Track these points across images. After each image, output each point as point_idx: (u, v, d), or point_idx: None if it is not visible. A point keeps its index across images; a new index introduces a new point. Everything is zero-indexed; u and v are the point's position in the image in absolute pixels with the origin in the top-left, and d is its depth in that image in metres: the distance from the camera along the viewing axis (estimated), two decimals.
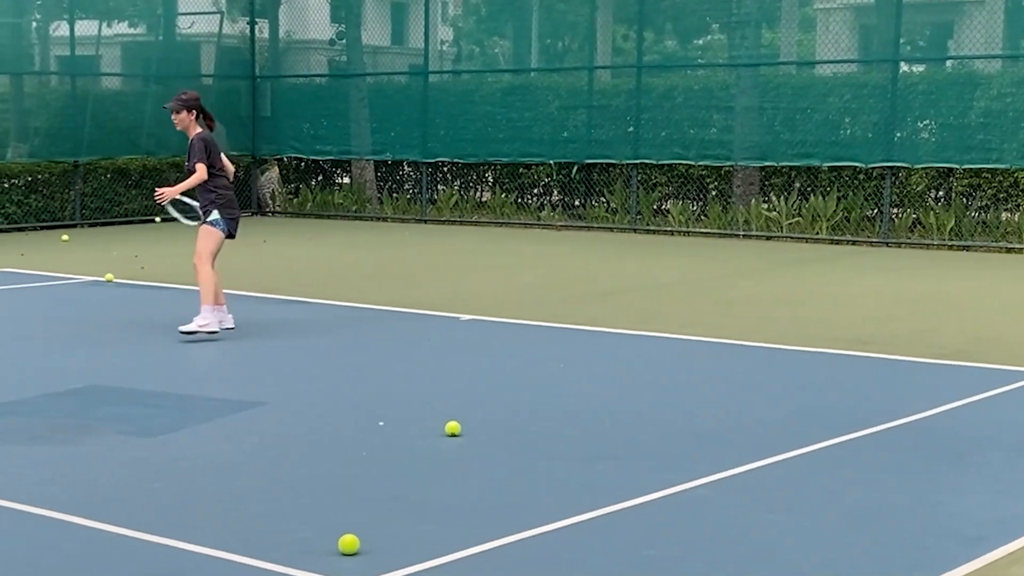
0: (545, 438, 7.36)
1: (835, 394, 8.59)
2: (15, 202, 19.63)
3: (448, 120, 21.41)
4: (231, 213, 10.31)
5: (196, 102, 10.22)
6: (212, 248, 10.21)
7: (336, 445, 7.18)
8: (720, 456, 6.89)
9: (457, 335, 10.85)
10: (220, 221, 10.22)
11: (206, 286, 10.10)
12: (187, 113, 10.16)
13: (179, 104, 10.14)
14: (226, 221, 10.25)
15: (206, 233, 10.23)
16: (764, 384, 8.92)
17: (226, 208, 10.27)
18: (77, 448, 7.08)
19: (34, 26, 21.20)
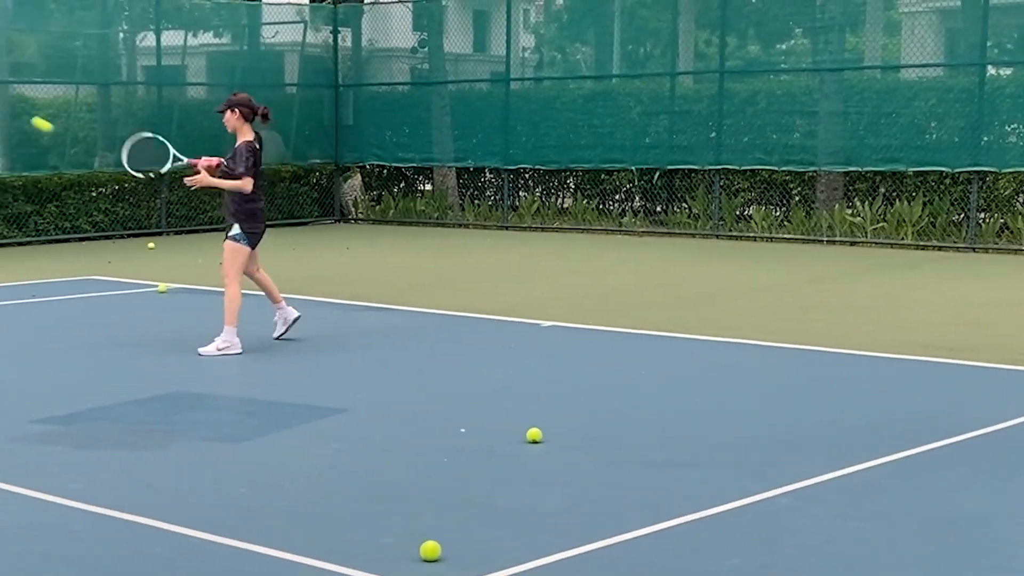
0: (626, 445, 7.33)
1: (921, 401, 8.46)
2: (102, 210, 19.97)
3: (530, 127, 21.43)
4: (254, 227, 10.12)
5: (245, 102, 10.11)
6: (238, 266, 10.09)
7: (418, 451, 7.20)
8: (803, 464, 6.81)
9: (538, 341, 10.84)
10: (243, 236, 10.07)
11: (231, 306, 9.97)
12: (231, 113, 10.07)
13: (226, 104, 10.12)
14: (248, 235, 10.09)
15: (230, 250, 10.09)
16: (848, 391, 8.80)
17: (248, 222, 10.09)
18: (164, 454, 7.17)
19: (121, 37, 21.54)
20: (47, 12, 20.81)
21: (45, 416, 7.92)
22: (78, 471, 6.75)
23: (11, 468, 6.76)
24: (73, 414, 8.01)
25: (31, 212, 19.04)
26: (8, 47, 19.82)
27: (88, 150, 20.50)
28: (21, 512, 6.08)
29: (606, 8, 21.78)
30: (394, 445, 7.35)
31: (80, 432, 7.61)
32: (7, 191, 18.78)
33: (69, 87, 20.82)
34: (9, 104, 19.77)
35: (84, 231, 19.60)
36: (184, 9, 24.10)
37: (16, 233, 18.86)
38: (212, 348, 9.92)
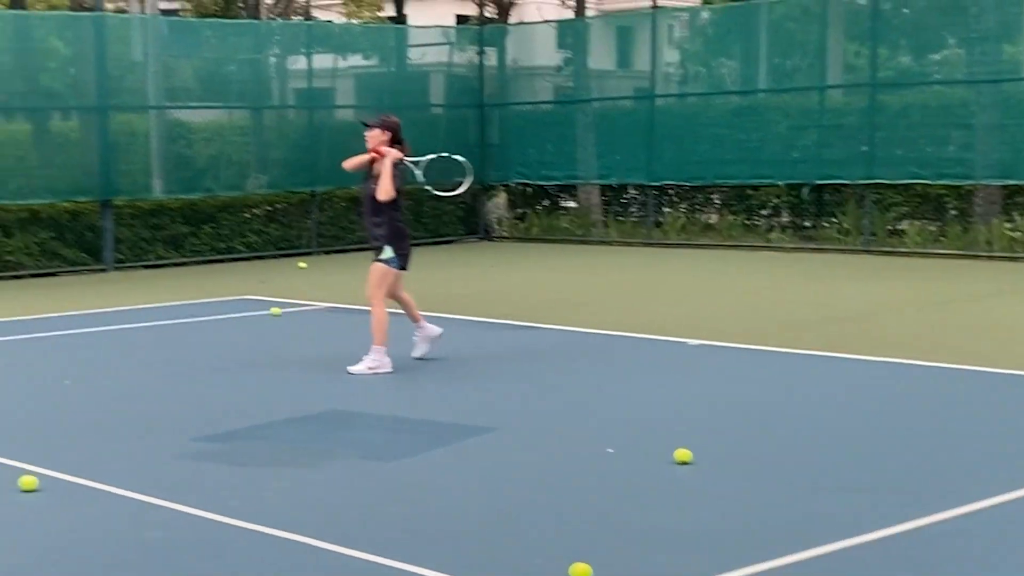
0: (779, 466, 7.21)
1: None
2: (255, 231, 20.41)
3: (674, 142, 21.29)
4: (403, 248, 10.21)
5: (395, 126, 10.20)
6: (386, 288, 10.17)
7: (566, 472, 7.19)
8: (964, 488, 6.62)
9: (686, 360, 10.75)
10: (395, 259, 10.15)
11: (378, 326, 10.06)
12: (381, 133, 10.15)
13: (379, 122, 10.18)
14: (399, 257, 10.17)
15: (379, 272, 10.18)
16: (1012, 413, 8.53)
17: (398, 243, 10.17)
18: (318, 472, 7.28)
19: (273, 61, 22.03)
20: (202, 38, 21.39)
21: (204, 434, 8.11)
22: (236, 489, 6.89)
23: (172, 485, 6.93)
24: (230, 432, 8.19)
25: (187, 233, 19.55)
26: (165, 73, 20.40)
27: (241, 172, 20.98)
28: (181, 528, 6.22)
29: (752, 21, 21.54)
30: (542, 465, 7.35)
31: (237, 450, 7.78)
32: (164, 213, 19.34)
33: (223, 111, 21.35)
34: (166, 128, 20.35)
35: (238, 251, 20.06)
36: (334, 33, 24.57)
37: (173, 254, 19.39)
38: (362, 367, 10.02)
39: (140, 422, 8.60)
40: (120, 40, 19.60)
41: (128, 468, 7.33)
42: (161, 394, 9.58)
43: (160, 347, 11.90)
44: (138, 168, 19.60)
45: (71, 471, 7.17)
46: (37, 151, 19.20)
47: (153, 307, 14.42)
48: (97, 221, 18.60)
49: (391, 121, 10.25)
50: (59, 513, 6.53)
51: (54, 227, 18.23)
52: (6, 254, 17.71)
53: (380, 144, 10.18)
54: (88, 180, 18.69)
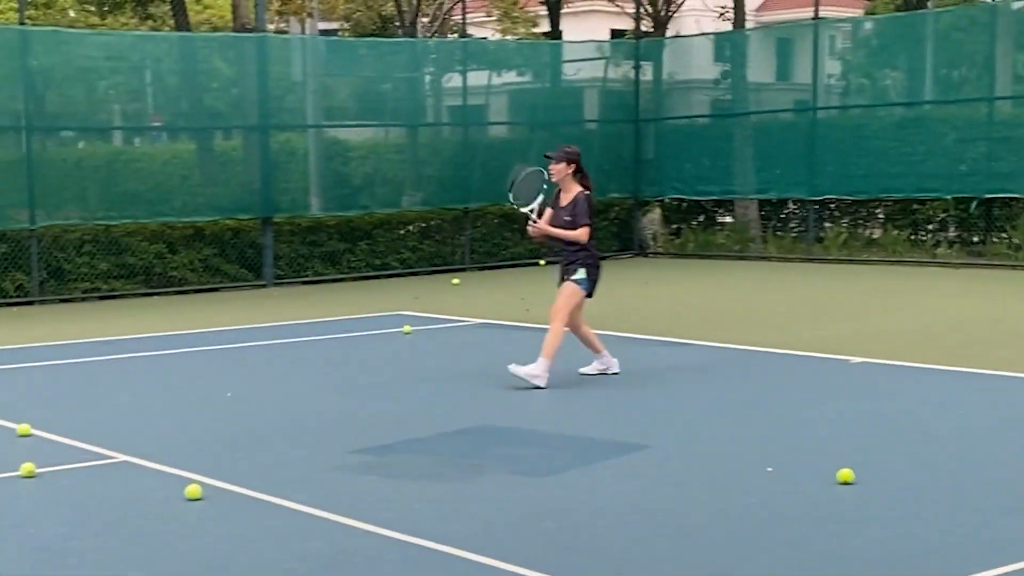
0: (947, 487, 6.95)
1: None
2: (410, 247, 20.61)
3: (836, 156, 20.86)
4: (596, 274, 10.27)
5: (577, 156, 10.29)
6: (571, 307, 10.18)
7: (723, 491, 7.03)
8: None
9: (847, 378, 10.46)
10: (585, 282, 10.18)
11: (553, 340, 10.05)
12: (567, 165, 10.23)
13: (563, 155, 10.25)
14: (590, 282, 10.21)
15: (569, 291, 10.19)
16: None
17: (592, 268, 10.23)
18: (471, 486, 7.25)
19: (428, 79, 22.25)
20: (359, 58, 21.73)
21: (361, 447, 8.16)
22: (391, 501, 6.91)
23: (329, 496, 6.98)
24: (386, 445, 8.22)
25: (344, 250, 19.84)
26: (323, 92, 20.77)
27: (397, 190, 21.23)
28: (338, 539, 6.26)
29: (917, 32, 21.00)
30: (698, 483, 7.21)
31: (393, 463, 7.80)
32: (322, 230, 19.65)
33: (379, 129, 21.64)
34: (324, 146, 20.71)
35: (393, 268, 20.28)
36: (489, 50, 24.72)
37: (330, 270, 19.69)
38: (524, 370, 10.01)
39: (299, 434, 8.70)
40: (281, 60, 20.02)
41: (288, 479, 7.41)
42: (319, 407, 9.69)
43: (317, 361, 12.05)
44: (297, 186, 19.98)
45: (233, 481, 7.29)
46: (201, 170, 19.71)
47: (311, 322, 14.63)
48: (258, 238, 19.00)
49: (572, 152, 10.32)
50: (222, 522, 6.62)
51: (217, 244, 18.67)
52: (171, 270, 18.19)
53: (565, 176, 10.20)
54: (249, 198, 19.11)
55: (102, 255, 17.66)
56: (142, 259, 17.94)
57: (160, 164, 20.08)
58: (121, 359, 12.19)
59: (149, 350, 12.61)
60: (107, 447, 8.22)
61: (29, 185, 17.07)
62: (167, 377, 11.27)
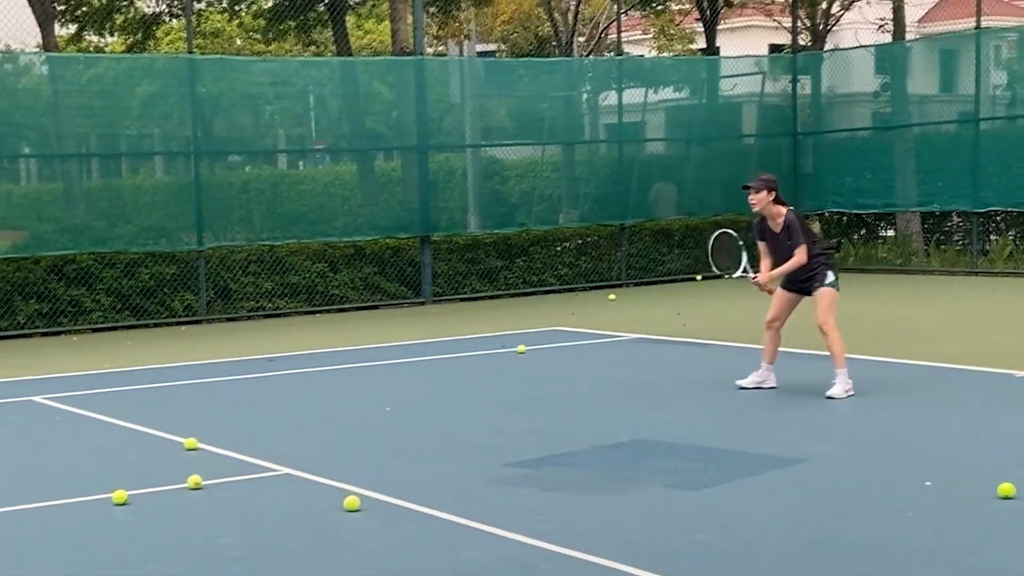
0: None
1: None
2: (567, 264, 20.73)
3: (1001, 167, 20.34)
4: (836, 271, 10.36)
5: (774, 184, 10.38)
6: (834, 311, 10.24)
7: (879, 504, 6.95)
8: None
9: (1012, 392, 10.20)
10: (837, 282, 10.27)
11: (839, 349, 10.16)
12: (767, 193, 10.30)
13: (762, 184, 10.33)
14: (838, 280, 10.29)
15: (827, 296, 10.24)
16: None
17: (834, 268, 10.34)
18: (626, 499, 7.30)
19: (584, 97, 22.36)
20: (515, 77, 21.98)
21: (516, 460, 8.27)
22: (546, 513, 6.99)
23: (486, 508, 7.10)
24: (542, 458, 8.32)
25: (501, 267, 20.06)
26: (480, 112, 21.06)
27: (553, 207, 21.38)
28: (494, 549, 6.36)
29: None
30: (854, 497, 7.13)
31: (548, 476, 7.89)
32: (479, 248, 19.90)
33: (536, 148, 21.83)
34: (481, 166, 20.98)
35: (549, 284, 20.42)
36: (645, 67, 24.75)
37: (487, 287, 19.92)
38: (836, 391, 10.08)
39: (456, 447, 8.85)
40: (439, 83, 20.36)
41: (444, 491, 7.55)
42: (476, 420, 9.84)
43: (475, 376, 12.22)
44: (455, 205, 20.28)
45: (391, 493, 7.45)
46: (361, 190, 20.17)
47: (468, 338, 14.84)
48: (416, 256, 19.33)
49: (770, 180, 10.40)
50: (379, 533, 6.78)
51: (376, 262, 19.05)
52: (333, 288, 18.63)
53: (766, 204, 10.29)
54: (408, 217, 19.46)
55: (266, 275, 18.18)
56: (305, 278, 18.41)
57: (322, 186, 20.62)
58: (284, 375, 12.55)
59: (311, 367, 12.95)
60: (270, 460, 8.49)
61: (197, 208, 17.69)
62: (328, 392, 11.57)
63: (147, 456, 8.93)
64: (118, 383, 12.30)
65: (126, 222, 17.74)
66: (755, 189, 10.29)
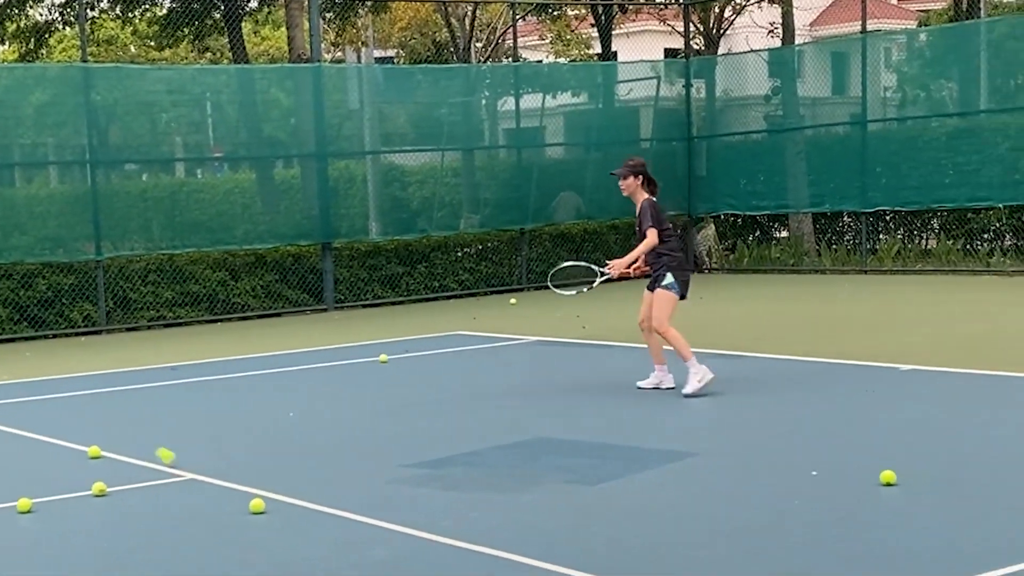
0: (985, 488, 7.09)
1: None
2: (467, 269, 20.91)
3: (889, 168, 20.92)
4: (683, 275, 10.41)
5: (642, 168, 10.47)
6: (669, 313, 10.33)
7: (768, 494, 7.21)
8: None
9: (897, 385, 10.59)
10: (675, 284, 10.33)
11: (680, 344, 10.25)
12: (634, 178, 10.42)
13: (627, 170, 10.43)
14: (679, 283, 10.35)
15: (662, 298, 10.34)
16: None
17: (678, 270, 10.37)
18: (525, 495, 7.48)
19: (483, 103, 22.56)
20: (414, 84, 22.09)
21: (419, 461, 8.42)
22: (447, 510, 7.15)
23: (389, 507, 7.24)
24: (444, 459, 8.47)
25: (403, 273, 20.17)
26: (380, 119, 21.15)
27: (454, 213, 21.53)
28: (396, 547, 6.51)
29: (971, 42, 21.00)
30: (744, 488, 7.39)
31: (449, 475, 8.05)
32: (381, 254, 20.00)
33: (435, 153, 21.97)
34: (381, 172, 21.07)
35: (451, 289, 20.58)
36: (542, 73, 25.01)
37: (389, 293, 20.02)
38: (691, 388, 10.19)
39: (359, 450, 8.99)
40: (338, 89, 20.42)
41: (348, 492, 7.68)
42: (379, 424, 9.97)
43: (377, 381, 12.34)
44: (356, 212, 20.35)
45: (295, 495, 7.56)
46: (261, 198, 20.15)
47: (370, 344, 14.94)
48: (318, 263, 19.37)
49: (637, 164, 10.49)
50: (284, 534, 6.89)
51: (278, 270, 19.06)
52: (234, 296, 18.60)
53: (635, 189, 10.39)
54: (309, 224, 19.49)
55: (166, 284, 18.10)
56: (205, 287, 18.36)
57: (222, 194, 20.55)
58: (186, 384, 12.55)
59: (213, 375, 12.97)
60: (173, 466, 8.54)
61: (94, 217, 17.56)
62: (231, 400, 11.63)
63: (50, 465, 8.94)
64: (18, 394, 12.22)
65: (21, 232, 17.55)
66: (622, 175, 10.41)
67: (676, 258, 10.43)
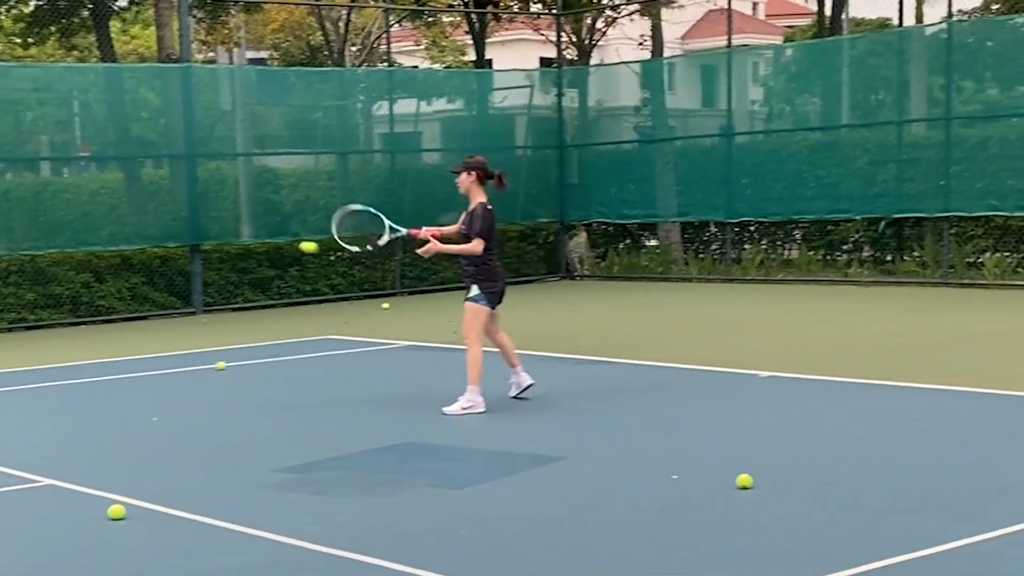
0: (838, 490, 7.35)
1: None
2: (340, 273, 20.85)
3: (754, 179, 21.42)
4: (492, 287, 10.31)
5: (479, 165, 10.35)
6: (478, 326, 10.28)
7: (631, 497, 7.38)
8: (1012, 509, 6.73)
9: (756, 391, 10.88)
10: (481, 296, 10.27)
11: (473, 365, 10.17)
12: (467, 175, 10.31)
13: (462, 165, 10.39)
14: (487, 296, 10.28)
15: (470, 311, 10.31)
16: None
17: (487, 282, 10.29)
18: (392, 499, 7.54)
19: (358, 107, 22.52)
20: (288, 86, 21.98)
21: (286, 466, 8.41)
22: (315, 515, 7.17)
23: (254, 512, 7.24)
24: (311, 463, 8.49)
25: (274, 276, 20.04)
26: (253, 120, 21.00)
27: (328, 216, 21.26)
28: (260, 553, 6.51)
29: (834, 58, 21.59)
30: (609, 491, 7.55)
31: (317, 480, 8.07)
32: (251, 257, 19.84)
33: (309, 157, 21.86)
34: (254, 174, 20.91)
35: (323, 293, 20.51)
36: (418, 78, 25.07)
37: (260, 296, 19.89)
38: (456, 407, 10.13)
39: (225, 455, 8.95)
40: (209, 89, 20.22)
41: (212, 497, 7.66)
42: (244, 429, 9.93)
43: (246, 385, 12.28)
44: (227, 214, 20.17)
45: (157, 500, 7.51)
46: (129, 199, 19.86)
47: (239, 347, 14.84)
48: (186, 266, 19.15)
49: (473, 162, 10.41)
50: (145, 538, 6.85)
51: (145, 272, 18.79)
52: (98, 299, 18.29)
53: (470, 186, 10.36)
54: (177, 226, 19.27)
55: (28, 285, 17.74)
56: (69, 289, 18.02)
57: (87, 194, 20.20)
58: (47, 387, 12.35)
59: (75, 378, 12.77)
60: (32, 472, 8.41)
61: None
62: (93, 404, 11.47)
63: None
64: None
65: None
66: (458, 171, 10.38)
67: (485, 270, 10.27)
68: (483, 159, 10.48)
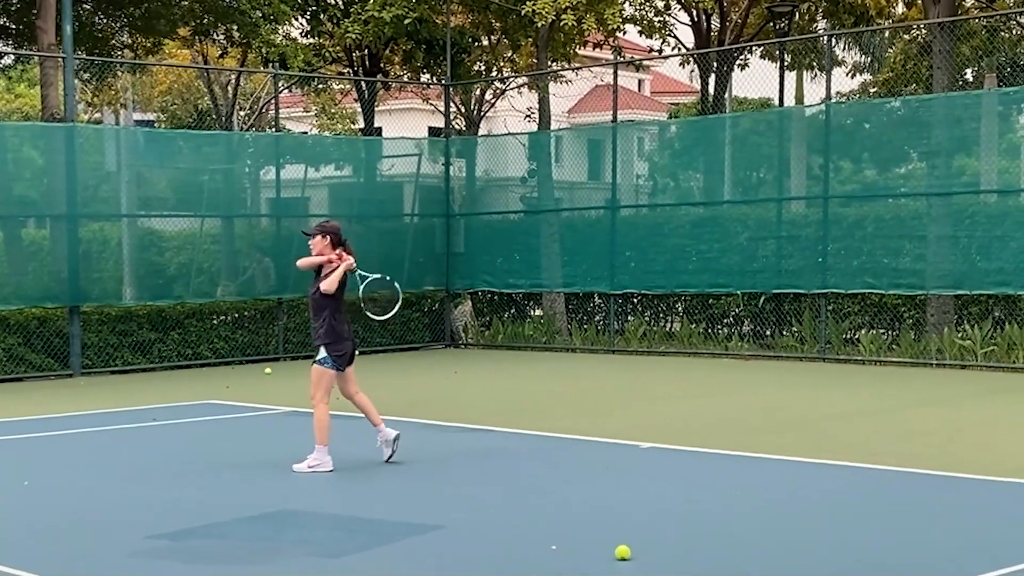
0: (715, 564, 7.44)
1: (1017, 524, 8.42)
2: (223, 337, 20.65)
3: (637, 252, 21.75)
4: (338, 349, 10.50)
5: (334, 230, 10.64)
6: (324, 388, 10.53)
7: (508, 567, 7.39)
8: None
9: (636, 463, 10.99)
10: (328, 359, 10.48)
11: (319, 426, 10.44)
12: (321, 238, 10.56)
13: (317, 229, 10.64)
14: (333, 359, 10.48)
15: (315, 374, 10.56)
16: (944, 513, 8.80)
17: (333, 345, 10.49)
18: (266, 568, 7.46)
19: (246, 171, 22.43)
20: (175, 148, 21.82)
21: (159, 533, 8.28)
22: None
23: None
24: (185, 530, 8.37)
25: (155, 339, 19.78)
26: (138, 182, 20.79)
27: (212, 280, 21.29)
28: None
29: (717, 135, 22.08)
30: (486, 561, 7.56)
31: (191, 548, 7.95)
32: (133, 319, 19.58)
33: (195, 219, 21.69)
34: (138, 236, 20.68)
35: (205, 357, 20.28)
36: (306, 144, 25.06)
37: (140, 359, 19.59)
38: (304, 466, 10.40)
39: (95, 521, 8.78)
40: (94, 150, 20.01)
41: (79, 565, 7.50)
42: (118, 495, 9.75)
43: (121, 450, 12.07)
44: (109, 275, 19.89)
45: (25, 568, 7.33)
46: (8, 258, 19.47)
47: (117, 411, 14.59)
48: (65, 327, 18.82)
49: (329, 226, 10.70)
50: None
51: (21, 333, 18.43)
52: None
53: (324, 248, 10.58)
54: (57, 287, 18.95)
55: None
56: None
57: None
58: None
59: None
60: None
61: None
62: None
63: None
64: None
65: None
66: (312, 234, 10.63)
67: (333, 333, 10.48)
68: (338, 224, 10.81)
